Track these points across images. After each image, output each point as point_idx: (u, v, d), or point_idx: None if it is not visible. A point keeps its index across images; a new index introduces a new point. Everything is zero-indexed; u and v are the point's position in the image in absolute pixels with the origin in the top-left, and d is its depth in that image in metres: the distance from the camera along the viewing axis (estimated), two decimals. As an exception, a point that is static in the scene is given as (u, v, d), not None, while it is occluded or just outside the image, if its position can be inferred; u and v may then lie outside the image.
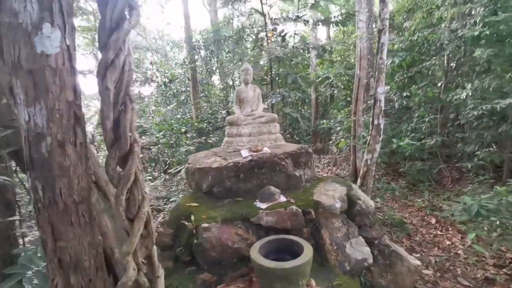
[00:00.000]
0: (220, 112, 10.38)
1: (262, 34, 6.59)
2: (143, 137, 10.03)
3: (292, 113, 7.34)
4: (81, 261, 1.48)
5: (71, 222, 1.41)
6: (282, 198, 3.29)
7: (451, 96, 6.88)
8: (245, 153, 3.61)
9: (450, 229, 5.44)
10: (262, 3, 5.87)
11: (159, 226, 3.62)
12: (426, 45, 7.92)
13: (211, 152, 4.06)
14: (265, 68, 6.95)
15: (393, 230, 5.28)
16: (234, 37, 6.86)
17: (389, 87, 8.83)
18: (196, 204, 3.31)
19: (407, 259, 3.32)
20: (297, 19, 6.14)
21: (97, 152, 10.61)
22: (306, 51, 10.56)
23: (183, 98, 10.64)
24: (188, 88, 10.11)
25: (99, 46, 1.37)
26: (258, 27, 7.02)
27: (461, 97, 6.72)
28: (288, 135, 11.76)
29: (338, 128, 8.05)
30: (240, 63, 7.35)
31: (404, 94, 8.04)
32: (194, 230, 2.99)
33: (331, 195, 3.33)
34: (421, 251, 4.76)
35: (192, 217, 3.05)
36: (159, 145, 8.87)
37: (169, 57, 13.77)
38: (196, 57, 9.72)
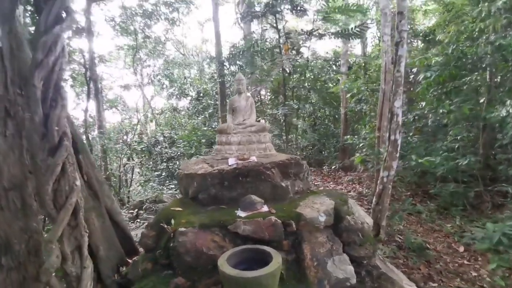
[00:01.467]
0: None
1: (277, 48, 6.67)
2: (173, 148, 10.55)
3: (302, 126, 7.20)
4: (11, 244, 1.60)
5: (0, 207, 1.54)
6: (265, 208, 3.21)
7: (491, 113, 6.25)
8: (231, 161, 3.61)
9: (479, 259, 4.86)
10: (276, 18, 5.98)
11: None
12: (464, 59, 7.32)
13: (201, 159, 4.13)
14: (278, 80, 6.97)
15: (410, 254, 4.84)
16: (249, 51, 7.00)
17: (424, 103, 8.30)
18: (179, 209, 3.36)
19: (400, 284, 3.01)
20: (311, 33, 6.11)
21: (132, 160, 11.35)
22: (336, 66, 10.41)
23: (211, 111, 11.04)
24: (217, 102, 10.47)
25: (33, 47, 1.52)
26: (273, 41, 7.12)
27: (501, 115, 6.07)
28: (317, 151, 11.51)
29: (362, 144, 7.68)
30: (258, 76, 7.48)
31: (440, 111, 7.45)
32: (172, 234, 3.04)
33: (316, 208, 3.17)
34: (440, 280, 4.29)
35: (172, 221, 3.11)
36: (185, 155, 9.24)
37: (206, 72, 14.42)
38: (226, 71, 10.05)
